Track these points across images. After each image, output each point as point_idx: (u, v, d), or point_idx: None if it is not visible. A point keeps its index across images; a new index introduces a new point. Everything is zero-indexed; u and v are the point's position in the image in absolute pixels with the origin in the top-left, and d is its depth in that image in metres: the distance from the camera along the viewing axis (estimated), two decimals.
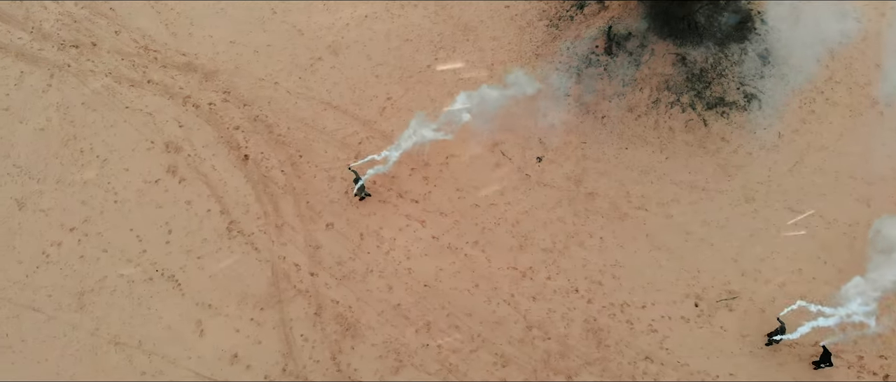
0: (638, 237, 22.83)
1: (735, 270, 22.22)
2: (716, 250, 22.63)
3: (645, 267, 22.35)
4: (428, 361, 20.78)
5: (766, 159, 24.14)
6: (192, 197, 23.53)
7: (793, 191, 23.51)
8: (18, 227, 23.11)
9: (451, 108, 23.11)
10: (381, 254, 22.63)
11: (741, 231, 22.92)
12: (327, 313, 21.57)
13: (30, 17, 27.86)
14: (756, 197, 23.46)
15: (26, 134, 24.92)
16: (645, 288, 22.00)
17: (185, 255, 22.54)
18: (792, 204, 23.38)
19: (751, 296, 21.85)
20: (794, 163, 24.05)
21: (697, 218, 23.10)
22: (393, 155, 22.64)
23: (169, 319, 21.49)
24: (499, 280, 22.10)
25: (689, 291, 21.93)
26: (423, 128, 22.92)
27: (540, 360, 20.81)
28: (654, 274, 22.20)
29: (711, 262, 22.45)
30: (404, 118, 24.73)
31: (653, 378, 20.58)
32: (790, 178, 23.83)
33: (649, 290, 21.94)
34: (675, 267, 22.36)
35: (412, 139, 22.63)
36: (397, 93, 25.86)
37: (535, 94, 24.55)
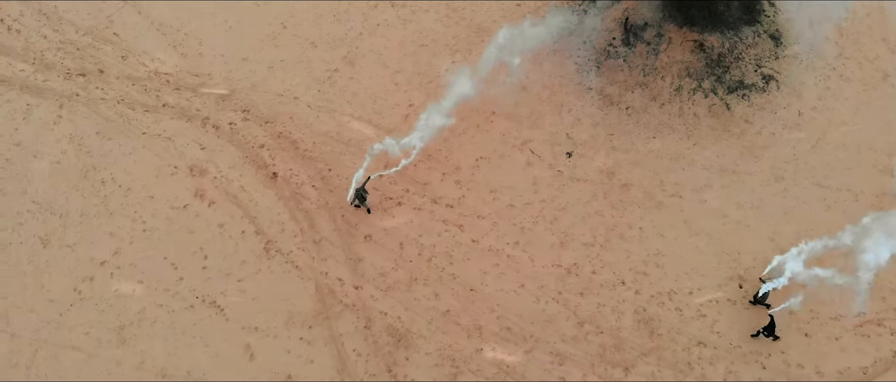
0: (676, 224, 23.02)
1: (774, 249, 22.52)
2: (753, 231, 22.93)
3: (686, 253, 22.54)
4: (484, 366, 20.65)
5: (789, 138, 24.57)
6: (224, 220, 23.05)
7: (819, 168, 23.96)
8: (46, 265, 22.38)
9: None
10: (422, 262, 22.44)
11: (775, 210, 23.27)
12: (377, 325, 21.32)
13: (29, 47, 27.04)
14: (785, 176, 23.85)
15: (42, 168, 24.15)
16: (689, 274, 22.18)
17: (224, 279, 22.06)
18: (820, 180, 23.84)
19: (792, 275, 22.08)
20: (817, 140, 24.52)
21: (731, 201, 23.38)
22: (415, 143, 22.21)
23: (216, 346, 21.00)
24: (544, 278, 22.08)
25: (732, 273, 22.18)
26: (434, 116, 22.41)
27: (596, 355, 20.84)
28: (696, 260, 22.40)
29: (750, 243, 22.74)
30: None
31: (708, 362, 20.74)
32: (815, 155, 24.30)
33: (693, 276, 22.13)
34: (715, 250, 22.60)
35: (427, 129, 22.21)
36: (419, 99, 25.71)
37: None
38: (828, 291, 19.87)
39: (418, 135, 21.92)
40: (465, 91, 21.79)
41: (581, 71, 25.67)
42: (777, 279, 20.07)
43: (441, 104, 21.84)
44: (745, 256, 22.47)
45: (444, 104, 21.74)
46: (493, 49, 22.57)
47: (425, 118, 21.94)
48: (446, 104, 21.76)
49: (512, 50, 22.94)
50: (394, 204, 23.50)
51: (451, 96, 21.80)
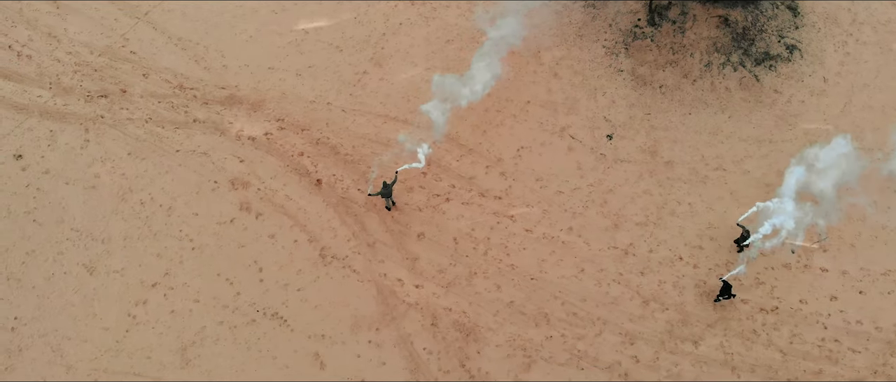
0: (723, 196, 23.40)
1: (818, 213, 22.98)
2: None
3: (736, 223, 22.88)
4: (557, 351, 20.72)
5: (818, 104, 25.16)
6: (274, 231, 22.70)
7: (850, 131, 24.53)
8: (94, 293, 21.76)
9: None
10: (479, 256, 22.41)
11: None
12: (443, 322, 21.22)
13: (43, 72, 26.27)
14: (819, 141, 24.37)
15: (76, 194, 23.47)
16: None
17: (283, 290, 21.73)
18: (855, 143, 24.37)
19: (839, 235, 22.73)
20: (844, 105, 25.17)
21: (772, 170, 23.85)
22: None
23: (284, 358, 20.66)
24: (603, 261, 22.24)
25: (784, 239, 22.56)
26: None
27: (664, 331, 21.06)
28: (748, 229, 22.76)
29: None
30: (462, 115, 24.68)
31: (772, 327, 21.12)
32: (844, 119, 24.93)
33: None
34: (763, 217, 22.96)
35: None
36: None
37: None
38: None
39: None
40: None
41: (610, 54, 25.90)
42: (761, 228, 20.59)
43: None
44: None
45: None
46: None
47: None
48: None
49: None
50: (442, 200, 23.41)
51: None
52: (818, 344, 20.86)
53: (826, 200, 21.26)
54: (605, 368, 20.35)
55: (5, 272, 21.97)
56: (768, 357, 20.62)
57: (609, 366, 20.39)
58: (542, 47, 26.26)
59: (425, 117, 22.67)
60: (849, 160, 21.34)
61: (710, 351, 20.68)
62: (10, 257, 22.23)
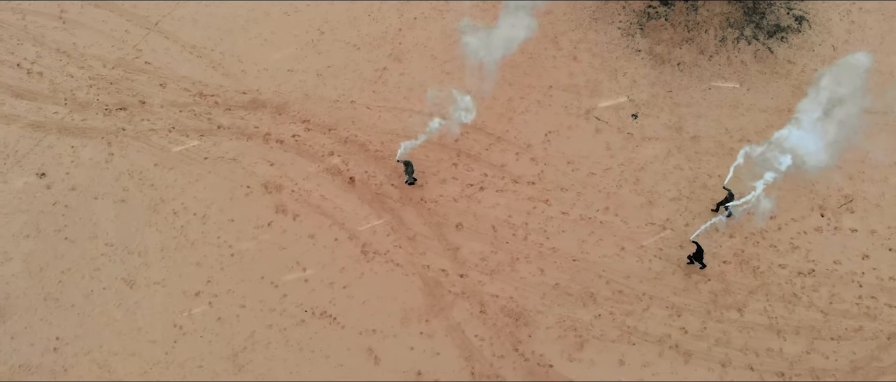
0: None
1: (842, 176, 23.75)
2: None
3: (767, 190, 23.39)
4: (608, 329, 21.01)
5: None
6: (313, 231, 22.64)
7: None
8: (136, 306, 21.48)
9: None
10: (519, 241, 22.61)
11: None
12: (491, 308, 21.38)
13: (57, 88, 25.85)
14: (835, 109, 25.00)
15: (106, 209, 23.14)
16: (773, 210, 23.06)
17: (329, 288, 21.69)
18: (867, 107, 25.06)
19: (864, 195, 23.41)
20: None
21: None
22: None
23: (337, 356, 20.63)
24: (642, 237, 22.60)
25: (811, 204, 23.23)
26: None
27: (708, 301, 21.47)
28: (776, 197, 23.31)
29: (819, 175, 23.81)
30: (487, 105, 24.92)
31: (811, 289, 21.67)
32: None
33: (779, 210, 23.07)
34: (790, 186, 23.59)
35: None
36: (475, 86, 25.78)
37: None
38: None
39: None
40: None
41: (626, 35, 26.30)
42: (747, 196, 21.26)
43: None
44: (818, 186, 23.59)
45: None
46: None
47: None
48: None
49: None
50: (476, 189, 23.56)
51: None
52: (856, 302, 21.43)
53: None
54: (656, 341, 20.68)
55: (42, 292, 21.57)
56: (810, 319, 21.13)
57: (659, 339, 20.73)
58: (559, 32, 26.55)
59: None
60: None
61: (755, 317, 21.13)
62: (45, 277, 21.83)
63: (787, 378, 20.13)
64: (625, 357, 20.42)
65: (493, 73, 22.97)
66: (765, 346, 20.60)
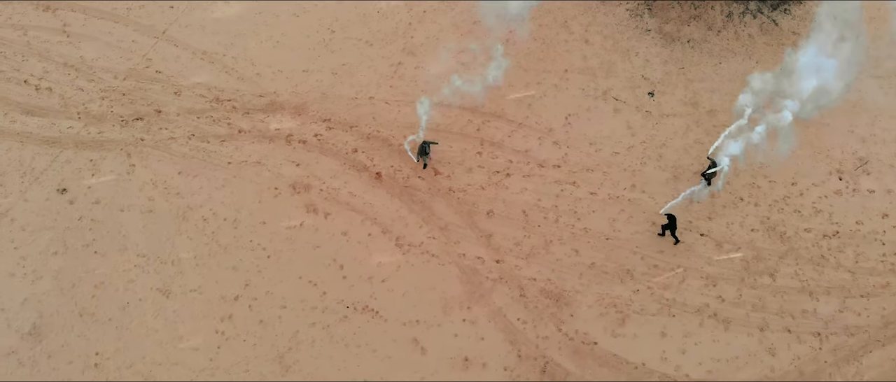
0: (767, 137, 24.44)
1: (855, 140, 24.47)
2: (833, 128, 24.77)
3: (785, 160, 24.05)
4: (647, 303, 21.37)
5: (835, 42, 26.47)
6: (346, 228, 22.67)
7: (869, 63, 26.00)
8: (176, 315, 21.30)
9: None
10: (551, 224, 22.89)
11: (843, 106, 25.13)
12: (531, 291, 21.62)
13: (68, 103, 25.50)
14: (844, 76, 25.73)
15: (134, 220, 22.90)
16: (794, 177, 23.73)
17: (368, 283, 21.74)
18: (873, 73, 25.92)
19: (877, 157, 24.14)
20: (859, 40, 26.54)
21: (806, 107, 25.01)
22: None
23: (384, 349, 20.71)
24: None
25: (829, 168, 23.89)
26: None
27: (741, 269, 21.97)
28: (795, 164, 23.98)
29: (834, 139, 24.58)
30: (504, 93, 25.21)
31: (837, 250, 22.29)
32: None
33: (798, 178, 23.68)
34: (808, 152, 24.26)
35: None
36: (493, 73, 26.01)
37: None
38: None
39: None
40: None
41: (634, 15, 26.74)
42: (722, 160, 21.87)
43: None
44: (834, 151, 24.27)
45: None
46: None
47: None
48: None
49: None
50: (503, 176, 23.79)
51: None
52: (881, 260, 22.09)
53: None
54: (695, 311, 21.10)
55: (76, 308, 21.29)
56: (839, 278, 21.74)
57: (698, 309, 21.15)
58: (569, 17, 26.89)
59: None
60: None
61: (787, 281, 21.67)
62: (78, 293, 21.55)
63: (823, 337, 20.63)
64: (666, 328, 20.79)
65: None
66: (799, 308, 21.14)
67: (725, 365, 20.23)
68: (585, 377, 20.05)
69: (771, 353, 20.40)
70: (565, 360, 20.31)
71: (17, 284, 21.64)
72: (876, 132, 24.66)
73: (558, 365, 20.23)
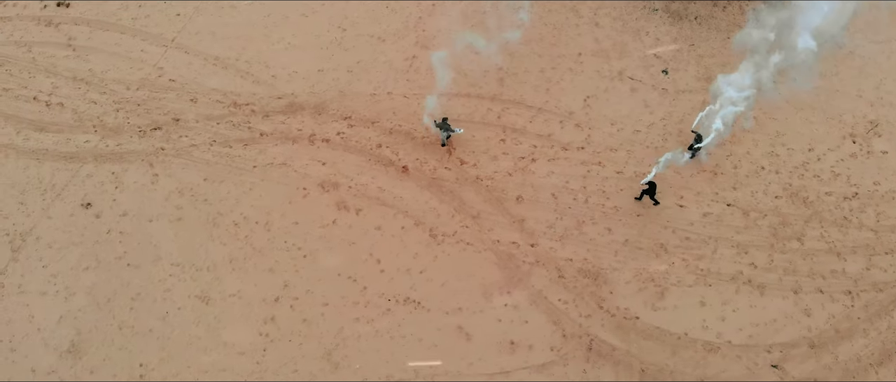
0: (781, 106, 25.15)
1: (864, 103, 25.23)
2: (842, 94, 25.50)
3: (800, 127, 24.73)
4: (683, 275, 21.80)
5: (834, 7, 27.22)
6: (379, 222, 22.73)
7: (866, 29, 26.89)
8: (217, 321, 21.19)
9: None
10: (581, 205, 23.21)
11: (849, 71, 26.01)
12: (569, 272, 21.92)
13: (81, 117, 25.16)
14: (845, 42, 26.55)
15: (164, 230, 22.69)
16: (810, 143, 24.37)
17: (406, 275, 21.84)
18: (872, 37, 26.72)
19: (887, 119, 24.93)
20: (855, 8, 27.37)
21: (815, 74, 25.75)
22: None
23: (430, 338, 20.83)
24: (696, 185, 23.49)
25: (843, 133, 24.60)
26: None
27: (769, 235, 22.52)
28: (811, 130, 24.64)
29: (844, 104, 25.32)
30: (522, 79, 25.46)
31: (858, 211, 22.97)
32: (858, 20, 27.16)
33: (815, 143, 24.34)
34: (820, 118, 24.94)
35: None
36: (506, 61, 26.29)
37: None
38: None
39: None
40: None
41: None
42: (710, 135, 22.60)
43: None
44: (846, 115, 24.97)
45: None
46: None
47: None
48: None
49: None
50: (528, 161, 24.05)
51: None
52: None
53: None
54: (730, 279, 21.59)
55: (115, 322, 21.05)
56: (863, 238, 22.41)
57: (733, 277, 21.64)
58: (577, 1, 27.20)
59: None
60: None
61: (814, 243, 22.27)
62: (115, 306, 21.31)
63: (854, 295, 21.26)
64: (704, 298, 21.24)
65: None
66: (829, 269, 21.74)
67: (764, 329, 20.72)
68: (632, 351, 20.37)
69: (806, 314, 20.94)
70: (610, 336, 20.64)
71: (49, 302, 21.31)
72: (882, 95, 25.43)
73: (603, 341, 20.55)
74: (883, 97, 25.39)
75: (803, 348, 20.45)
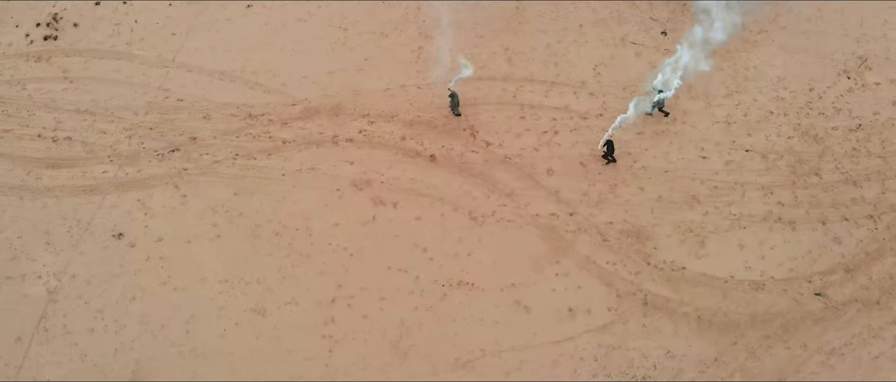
0: (776, 53, 26.42)
1: (851, 41, 26.75)
2: (830, 35, 26.97)
3: (798, 69, 26.04)
4: (719, 222, 22.75)
5: None
6: (418, 213, 22.98)
7: None
8: (276, 331, 21.11)
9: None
10: (610, 169, 23.94)
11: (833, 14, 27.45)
12: (611, 234, 22.61)
13: (93, 149, 24.59)
14: None
15: (204, 249, 22.43)
16: (809, 83, 25.70)
17: (455, 259, 22.17)
18: None
19: (874, 54, 26.47)
20: None
21: (802, 19, 27.23)
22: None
23: (490, 316, 21.23)
24: (713, 135, 24.51)
25: (837, 70, 26.02)
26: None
27: (789, 173, 23.70)
28: (808, 72, 25.98)
29: (833, 43, 26.78)
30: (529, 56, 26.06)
31: (864, 140, 24.38)
32: None
33: (814, 83, 25.69)
34: (814, 60, 26.32)
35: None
36: (511, 41, 26.82)
37: None
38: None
39: None
40: None
41: None
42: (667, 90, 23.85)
43: None
44: (837, 54, 26.43)
45: None
46: None
47: None
48: None
49: None
50: (551, 134, 24.65)
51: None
52: None
53: None
54: (762, 220, 22.65)
55: (174, 348, 20.75)
56: (874, 165, 23.81)
57: (764, 217, 22.71)
58: None
59: None
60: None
61: (831, 175, 23.56)
62: (170, 332, 21.00)
63: (876, 218, 22.59)
64: (742, 240, 22.23)
65: None
66: (849, 197, 23.05)
67: (802, 262, 21.84)
68: (684, 300, 21.20)
69: (837, 242, 22.16)
70: (662, 289, 21.41)
71: (100, 338, 20.87)
72: (866, 31, 26.96)
73: (657, 295, 21.31)
74: (867, 33, 26.90)
75: (840, 273, 21.61)
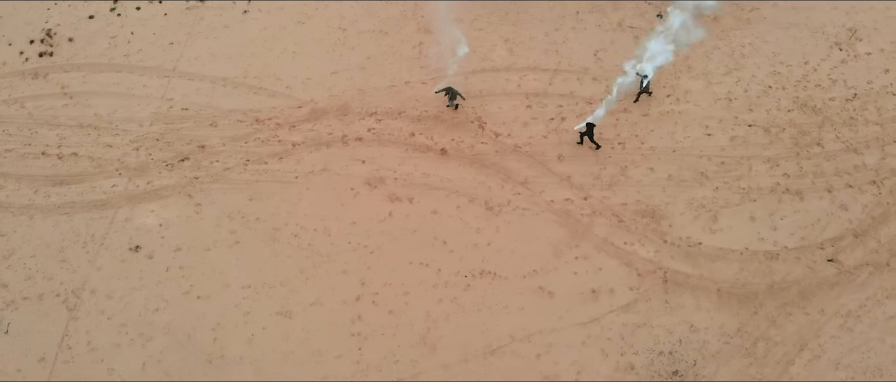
0: (770, 29, 27.04)
1: (841, 13, 27.49)
2: (819, 9, 27.71)
3: (791, 44, 26.69)
4: (729, 196, 23.26)
5: None
6: (434, 207, 23.15)
7: None
8: (304, 332, 21.15)
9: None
10: (619, 152, 24.34)
11: None
12: (626, 215, 23.00)
13: (100, 164, 24.37)
14: None
15: (223, 255, 22.38)
16: (804, 57, 26.37)
17: (474, 250, 22.38)
18: None
19: (863, 24, 27.26)
20: None
21: None
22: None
23: (515, 303, 21.47)
24: (717, 112, 25.03)
25: (829, 43, 26.72)
26: None
27: (792, 145, 24.30)
28: (801, 47, 26.63)
29: (823, 17, 27.47)
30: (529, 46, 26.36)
31: (861, 109, 25.09)
32: None
33: (808, 56, 26.36)
34: (806, 34, 27.00)
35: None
36: (510, 32, 27.10)
37: None
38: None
39: None
40: None
41: None
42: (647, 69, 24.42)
43: None
44: (828, 27, 27.16)
45: None
46: None
47: None
48: None
49: None
50: (558, 121, 24.98)
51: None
52: None
53: None
54: (770, 191, 23.20)
55: (203, 356, 20.68)
56: (872, 132, 24.51)
57: (772, 189, 23.27)
58: None
59: None
60: None
61: (833, 144, 24.21)
62: (198, 340, 20.91)
63: (878, 183, 23.28)
64: (753, 213, 22.76)
65: None
66: (851, 165, 23.70)
67: (812, 230, 22.42)
68: (704, 274, 21.65)
69: (844, 208, 22.78)
70: (681, 265, 21.84)
71: (126, 352, 20.71)
72: (854, 3, 27.70)
73: (677, 271, 21.73)
74: (855, 4, 27.68)
75: (849, 239, 22.23)
